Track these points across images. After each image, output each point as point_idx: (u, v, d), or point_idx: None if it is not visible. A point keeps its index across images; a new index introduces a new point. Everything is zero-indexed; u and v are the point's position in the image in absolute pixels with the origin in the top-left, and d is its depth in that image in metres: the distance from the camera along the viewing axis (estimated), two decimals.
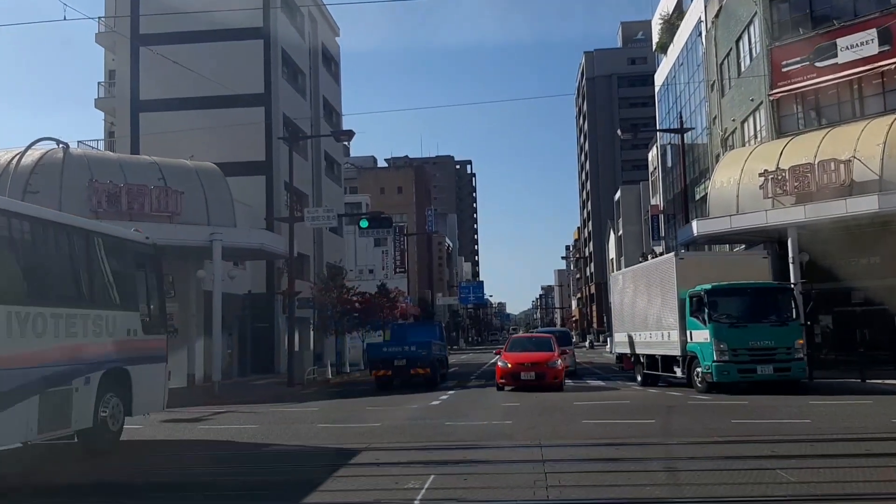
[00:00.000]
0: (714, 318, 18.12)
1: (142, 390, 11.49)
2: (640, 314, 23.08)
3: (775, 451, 9.06)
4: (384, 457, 9.49)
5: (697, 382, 18.60)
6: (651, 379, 21.99)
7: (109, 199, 24.41)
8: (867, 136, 24.82)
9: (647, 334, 22.26)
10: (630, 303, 24.33)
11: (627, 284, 25.01)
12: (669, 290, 20.34)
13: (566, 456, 9.29)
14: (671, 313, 20.10)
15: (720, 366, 17.73)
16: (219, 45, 37.08)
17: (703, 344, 18.30)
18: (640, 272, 24.29)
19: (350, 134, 32.39)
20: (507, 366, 20.63)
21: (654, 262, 23.27)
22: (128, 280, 11.73)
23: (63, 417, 9.66)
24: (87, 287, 10.66)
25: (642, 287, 23.16)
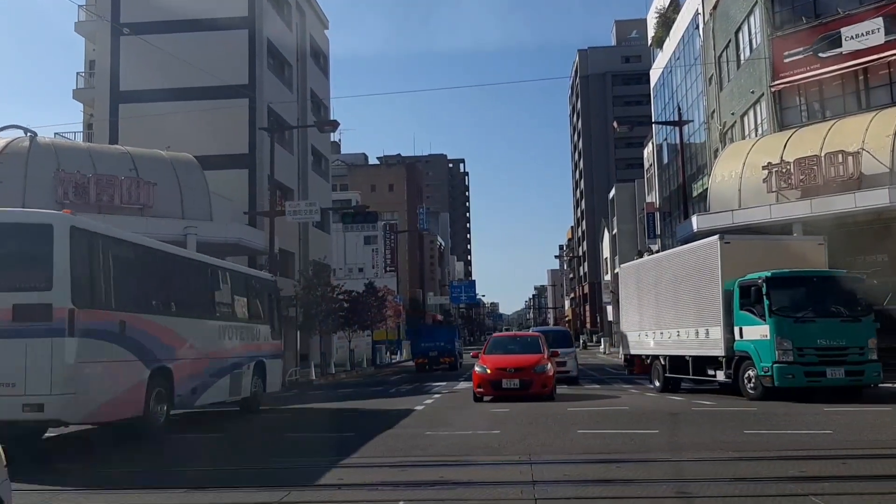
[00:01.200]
0: (776, 311, 15.39)
1: (271, 375, 17.48)
2: (663, 309, 20.16)
3: (804, 470, 7.83)
4: (350, 476, 8.21)
5: (748, 388, 15.99)
6: (673, 384, 19.51)
7: (77, 190, 23.15)
8: (876, 128, 23.71)
9: (672, 332, 19.43)
10: (647, 297, 21.46)
11: (644, 277, 22.02)
12: (709, 279, 17.48)
13: (559, 476, 8.03)
14: (711, 307, 17.33)
15: (783, 368, 15.10)
16: (202, 35, 35.80)
17: (760, 342, 15.66)
18: (663, 262, 21.16)
19: (334, 125, 31.11)
20: (486, 372, 17.10)
21: (685, 248, 19.86)
22: (264, 304, 17.85)
23: (239, 389, 15.56)
24: (250, 310, 16.78)
25: (666, 278, 20.11)
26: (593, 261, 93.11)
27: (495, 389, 16.80)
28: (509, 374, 16.89)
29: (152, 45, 33.37)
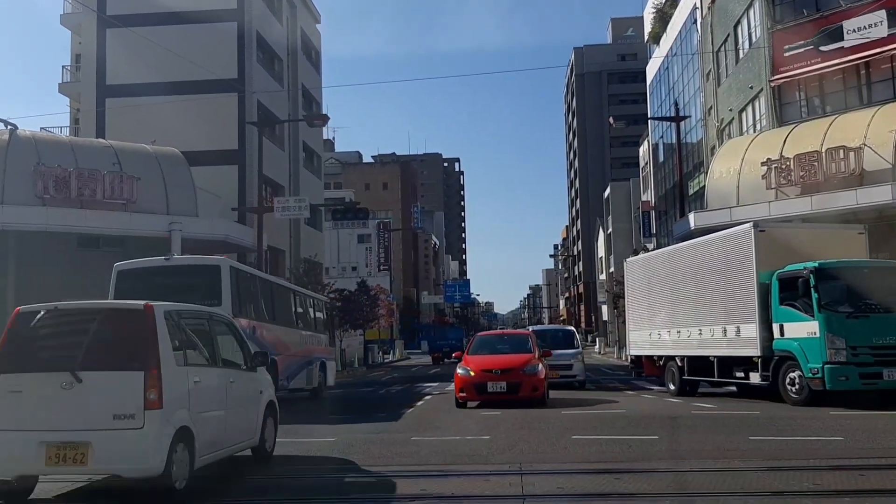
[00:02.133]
0: (826, 305, 13.84)
1: (329, 373, 22.04)
2: (680, 306, 18.39)
3: (818, 482, 7.18)
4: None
5: (791, 391, 14.47)
6: (690, 386, 17.92)
7: (57, 185, 22.43)
8: (878, 123, 23.12)
9: (692, 331, 17.67)
10: (660, 293, 19.63)
11: (656, 271, 20.12)
12: (741, 271, 15.80)
13: (552, 488, 7.37)
14: (743, 302, 15.70)
15: (836, 369, 13.53)
16: (190, 27, 35.06)
17: (806, 340, 14.07)
18: (681, 254, 19.11)
19: (325, 119, 30.49)
20: (470, 374, 15.46)
21: (710, 238, 17.88)
22: (325, 318, 23.49)
23: (312, 380, 20.22)
24: (317, 322, 22.20)
25: (684, 272, 18.31)
26: (588, 260, 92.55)
27: (480, 394, 15.32)
28: (495, 377, 15.33)
29: (139, 38, 32.69)
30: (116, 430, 6.58)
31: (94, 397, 6.71)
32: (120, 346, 7.15)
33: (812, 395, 14.13)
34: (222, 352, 8.27)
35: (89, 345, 7.15)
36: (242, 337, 9.21)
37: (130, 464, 6.59)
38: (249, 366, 8.94)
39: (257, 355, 9.29)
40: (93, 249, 25.66)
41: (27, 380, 6.92)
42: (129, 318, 7.22)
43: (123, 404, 6.65)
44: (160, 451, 6.58)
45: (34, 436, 6.63)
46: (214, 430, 7.60)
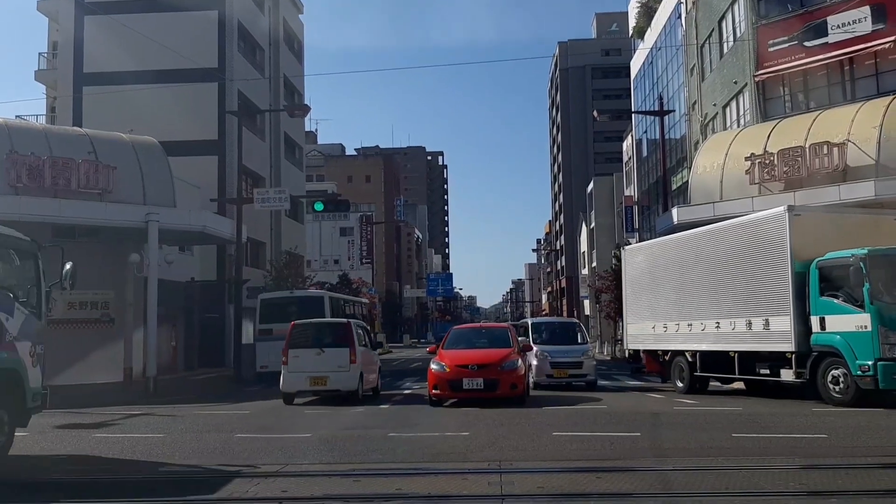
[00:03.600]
0: (878, 296, 12.76)
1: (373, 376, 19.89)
2: (692, 297, 17.11)
3: (804, 483, 7.01)
4: (295, 488, 7.28)
5: (834, 390, 13.49)
6: (701, 383, 16.98)
7: (30, 173, 21.88)
8: (862, 119, 23.03)
9: (707, 324, 16.50)
10: (667, 283, 18.22)
11: (662, 259, 18.67)
12: (773, 259, 14.63)
13: (532, 487, 7.14)
14: (774, 292, 14.55)
15: (890, 366, 12.53)
16: (170, 15, 34.56)
17: (854, 335, 13.00)
18: (696, 240, 17.59)
19: (306, 109, 30.10)
20: (444, 370, 14.61)
21: (734, 223, 16.54)
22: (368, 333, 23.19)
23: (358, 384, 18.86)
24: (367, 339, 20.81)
25: (699, 260, 17.02)
26: (571, 255, 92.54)
27: (455, 391, 14.52)
28: (472, 373, 14.44)
29: (118, 25, 32.18)
30: (339, 372, 16.31)
31: (330, 358, 16.44)
32: (338, 337, 16.93)
33: (859, 394, 13.11)
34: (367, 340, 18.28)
35: (325, 336, 17.09)
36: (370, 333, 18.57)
37: (344, 386, 16.45)
38: (373, 347, 19.62)
39: (376, 343, 20.73)
40: (68, 240, 25.19)
41: (302, 351, 16.52)
42: (341, 325, 17.67)
43: (342, 361, 16.35)
44: (355, 380, 16.42)
45: (304, 374, 16.30)
46: (369, 376, 17.56)
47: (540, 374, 18.93)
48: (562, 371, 18.84)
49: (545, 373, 18.98)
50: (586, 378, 19.01)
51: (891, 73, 25.37)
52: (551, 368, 19.01)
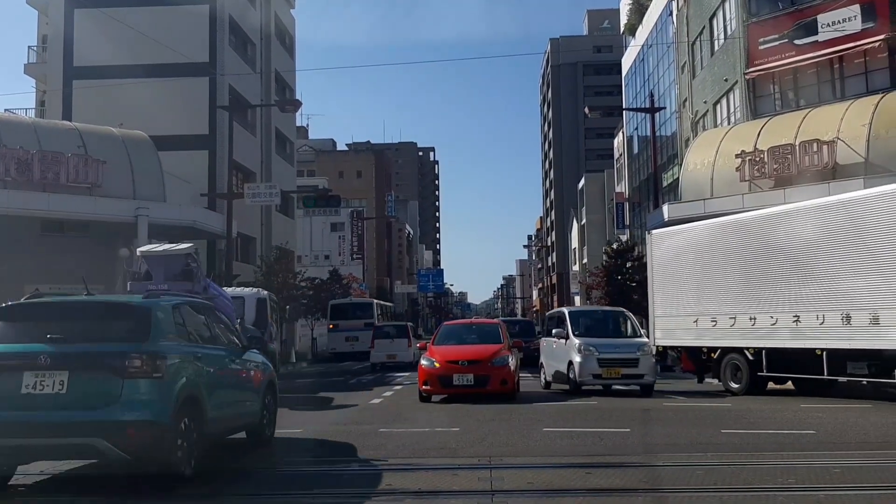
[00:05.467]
0: None
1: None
2: (760, 287, 15.13)
3: (792, 480, 7.04)
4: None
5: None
6: (761, 383, 15.37)
7: (19, 167, 21.83)
8: (851, 117, 23.17)
9: (783, 317, 14.57)
10: (719, 271, 16.24)
11: (713, 244, 16.63)
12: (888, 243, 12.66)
13: (522, 483, 7.16)
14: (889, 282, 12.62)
15: None
16: (160, 9, 34.43)
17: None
18: (773, 222, 15.30)
19: (297, 104, 30.02)
20: (435, 366, 14.48)
21: (831, 202, 14.50)
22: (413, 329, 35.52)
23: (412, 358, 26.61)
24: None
25: (773, 245, 14.94)
26: (562, 251, 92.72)
27: (445, 387, 14.40)
28: (462, 369, 14.30)
29: (109, 19, 31.99)
30: (402, 351, 27.48)
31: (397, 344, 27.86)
32: (401, 331, 29.24)
33: None
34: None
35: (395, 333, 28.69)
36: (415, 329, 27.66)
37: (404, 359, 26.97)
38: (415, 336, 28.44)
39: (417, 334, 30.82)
40: (57, 234, 25.11)
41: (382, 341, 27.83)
42: (404, 326, 30.68)
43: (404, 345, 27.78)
44: (410, 356, 25.69)
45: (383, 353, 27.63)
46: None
47: (584, 372, 15.61)
48: (613, 370, 15.54)
49: (591, 371, 15.61)
50: (643, 380, 15.72)
51: (880, 72, 25.52)
52: (599, 366, 15.57)
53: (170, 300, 8.07)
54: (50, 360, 6.63)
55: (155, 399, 6.71)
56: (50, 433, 6.53)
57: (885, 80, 25.15)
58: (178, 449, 6.86)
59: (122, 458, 6.56)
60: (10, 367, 6.67)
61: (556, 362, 17.07)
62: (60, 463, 7.75)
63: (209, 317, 8.77)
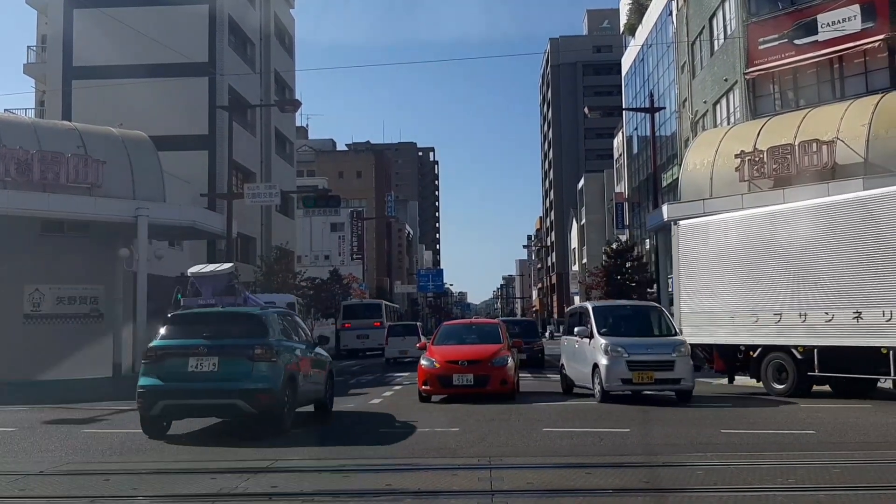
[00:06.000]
0: None
1: None
2: (816, 281, 14.16)
3: (791, 480, 7.05)
4: (284, 483, 7.29)
5: None
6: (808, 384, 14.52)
7: (19, 167, 21.73)
8: (851, 117, 23.11)
9: (840, 313, 13.69)
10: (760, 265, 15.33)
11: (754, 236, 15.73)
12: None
13: (522, 484, 7.17)
14: None
15: None
16: (160, 9, 34.47)
17: None
18: (834, 211, 14.33)
19: (296, 104, 30.02)
20: (434, 366, 14.47)
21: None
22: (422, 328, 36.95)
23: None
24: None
25: (829, 236, 14.08)
26: (562, 251, 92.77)
27: (445, 387, 14.39)
28: (462, 369, 14.29)
29: (108, 19, 32.00)
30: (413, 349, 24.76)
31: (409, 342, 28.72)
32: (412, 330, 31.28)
33: None
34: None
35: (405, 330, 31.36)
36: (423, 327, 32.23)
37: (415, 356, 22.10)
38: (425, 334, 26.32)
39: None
40: (57, 234, 25.07)
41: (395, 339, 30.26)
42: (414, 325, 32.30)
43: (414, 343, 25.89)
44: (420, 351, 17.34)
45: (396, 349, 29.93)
46: None
47: (612, 377, 13.69)
48: (644, 374, 13.57)
49: (619, 376, 13.66)
50: (680, 385, 13.80)
51: (880, 72, 25.55)
52: (629, 371, 13.60)
53: (275, 311, 12.13)
54: (206, 349, 10.14)
55: (272, 375, 10.16)
56: (208, 397, 10.05)
57: (885, 80, 25.17)
58: (285, 408, 10.35)
59: (252, 413, 10.06)
60: (180, 353, 10.21)
61: (578, 364, 15.35)
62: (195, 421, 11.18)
63: (295, 322, 12.75)
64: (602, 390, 13.76)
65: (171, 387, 10.08)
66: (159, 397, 10.11)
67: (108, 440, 10.42)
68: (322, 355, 12.95)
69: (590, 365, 14.32)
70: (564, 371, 16.41)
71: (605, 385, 13.69)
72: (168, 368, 10.21)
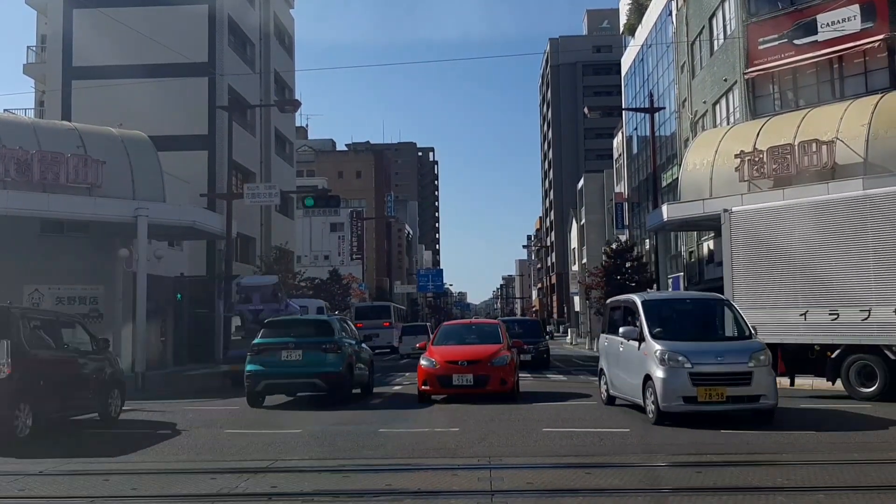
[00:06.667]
0: None
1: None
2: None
3: (790, 479, 7.05)
4: (284, 483, 7.29)
5: None
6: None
7: (19, 167, 21.74)
8: (851, 116, 23.14)
9: None
10: (847, 256, 13.98)
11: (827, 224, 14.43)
12: None
13: (522, 484, 7.17)
14: None
15: None
16: (160, 9, 34.42)
17: None
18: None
19: (296, 104, 30.02)
20: (435, 366, 14.47)
21: None
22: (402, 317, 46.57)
23: None
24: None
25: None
26: (561, 251, 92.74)
27: (445, 387, 14.40)
28: (461, 369, 14.28)
29: (108, 19, 31.98)
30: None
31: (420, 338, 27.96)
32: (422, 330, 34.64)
33: None
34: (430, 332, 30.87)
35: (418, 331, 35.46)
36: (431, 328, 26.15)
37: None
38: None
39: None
40: (57, 234, 25.09)
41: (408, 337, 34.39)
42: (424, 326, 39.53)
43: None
44: None
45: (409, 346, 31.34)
46: None
47: (671, 393, 10.68)
48: (714, 390, 10.56)
49: (680, 393, 10.66)
50: (759, 403, 10.76)
51: (879, 72, 25.55)
52: (693, 385, 10.61)
53: (336, 318, 17.61)
54: (293, 345, 14.59)
55: (338, 362, 14.52)
56: (295, 377, 14.60)
57: (885, 80, 25.17)
58: (346, 385, 14.89)
59: (325, 388, 14.56)
60: (275, 348, 14.60)
61: (623, 372, 12.53)
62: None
63: (349, 325, 17.61)
64: (657, 410, 10.79)
65: (269, 371, 14.38)
66: (261, 378, 14.38)
67: (108, 440, 10.42)
68: (366, 350, 17.31)
69: (639, 375, 11.44)
70: (605, 377, 13.70)
71: (662, 404, 10.72)
72: (267, 358, 14.47)
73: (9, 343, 9.95)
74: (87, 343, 12.37)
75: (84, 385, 11.81)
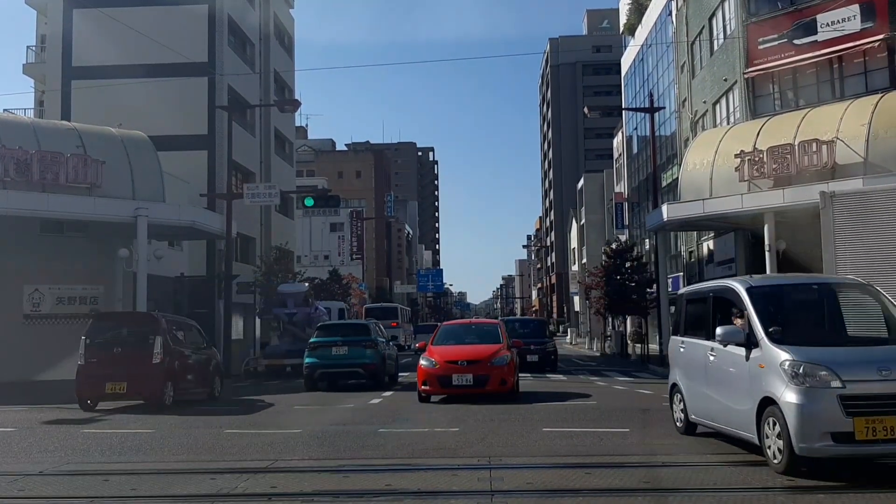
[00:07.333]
0: None
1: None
2: None
3: (792, 479, 7.04)
4: (284, 483, 7.28)
5: None
6: None
7: (18, 167, 21.72)
8: (851, 116, 23.14)
9: None
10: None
11: None
12: None
13: (521, 484, 7.17)
14: None
15: None
16: (159, 9, 34.38)
17: None
18: None
19: (296, 104, 30.01)
20: (434, 366, 14.50)
21: None
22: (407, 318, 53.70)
23: None
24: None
25: None
26: (561, 251, 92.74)
27: (444, 387, 14.42)
28: (461, 369, 14.31)
29: (107, 19, 31.96)
30: None
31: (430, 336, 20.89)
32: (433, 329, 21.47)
33: None
34: None
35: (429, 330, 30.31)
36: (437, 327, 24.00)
37: None
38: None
39: None
40: (57, 234, 25.08)
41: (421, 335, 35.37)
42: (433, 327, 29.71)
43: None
44: None
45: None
46: None
47: (810, 428, 6.96)
48: (878, 421, 6.84)
49: (826, 427, 6.93)
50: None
51: (879, 72, 25.53)
52: (846, 414, 6.88)
53: (373, 322, 22.44)
54: (341, 343, 18.86)
55: (375, 356, 18.76)
56: (343, 367, 18.61)
57: (885, 79, 25.16)
58: (381, 374, 19.06)
59: (365, 376, 18.60)
60: (327, 345, 18.80)
61: (717, 392, 8.86)
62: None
63: (380, 327, 21.40)
64: (790, 452, 7.09)
65: (323, 363, 18.55)
66: (318, 368, 18.48)
67: (108, 440, 10.42)
68: (392, 347, 21.68)
69: (751, 398, 7.79)
70: (681, 395, 9.97)
71: (799, 443, 7.00)
72: (321, 353, 18.68)
73: (161, 339, 14.40)
74: (200, 341, 16.84)
75: (201, 371, 16.16)
